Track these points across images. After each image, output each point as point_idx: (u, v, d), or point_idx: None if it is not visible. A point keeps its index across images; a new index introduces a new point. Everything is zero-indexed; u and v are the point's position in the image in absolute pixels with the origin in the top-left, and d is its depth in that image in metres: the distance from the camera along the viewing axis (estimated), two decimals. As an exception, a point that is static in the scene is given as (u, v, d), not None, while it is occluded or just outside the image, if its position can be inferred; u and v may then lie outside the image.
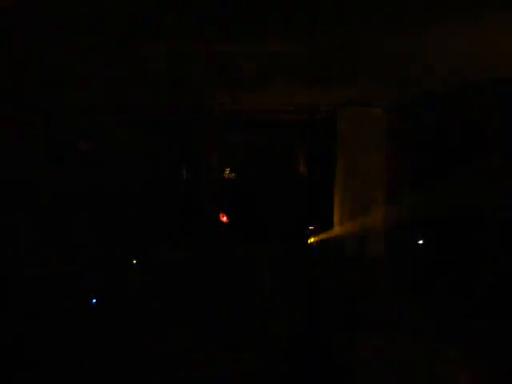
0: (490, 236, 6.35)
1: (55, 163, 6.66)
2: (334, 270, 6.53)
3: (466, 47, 4.35)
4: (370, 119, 7.53)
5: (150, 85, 5.77)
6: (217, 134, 8.06)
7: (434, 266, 6.47)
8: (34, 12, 3.35)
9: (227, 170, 9.38)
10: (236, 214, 8.62)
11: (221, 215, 8.37)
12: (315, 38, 4.11)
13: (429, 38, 4.09)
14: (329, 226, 7.85)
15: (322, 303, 5.36)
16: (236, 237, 8.09)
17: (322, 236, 7.79)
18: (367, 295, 5.61)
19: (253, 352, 4.32)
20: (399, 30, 3.95)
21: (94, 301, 5.27)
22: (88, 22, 3.60)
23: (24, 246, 5.81)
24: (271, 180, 9.00)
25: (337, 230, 7.76)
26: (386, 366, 4.10)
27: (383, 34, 4.05)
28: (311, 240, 7.82)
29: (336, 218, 7.82)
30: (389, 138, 7.49)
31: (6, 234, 5.91)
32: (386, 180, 7.50)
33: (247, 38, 4.20)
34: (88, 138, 7.11)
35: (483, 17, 3.49)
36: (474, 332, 4.71)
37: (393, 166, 7.46)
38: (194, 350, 4.36)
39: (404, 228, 7.02)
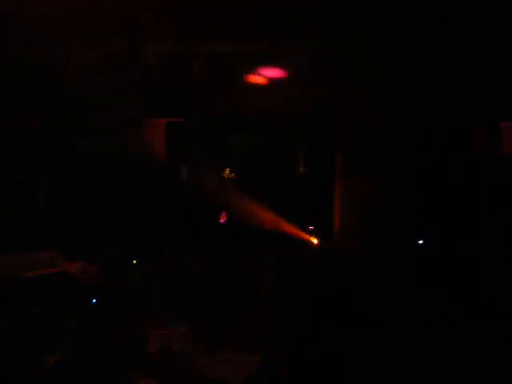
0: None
1: (55, 163, 6.66)
2: (334, 270, 6.52)
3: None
4: (369, 120, 7.53)
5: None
6: (217, 133, 8.05)
7: (435, 266, 6.47)
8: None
9: (227, 170, 9.35)
10: (235, 213, 8.60)
11: (221, 215, 8.35)
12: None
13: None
14: (329, 225, 7.85)
15: (322, 303, 5.35)
16: (235, 237, 8.07)
17: (322, 236, 7.79)
18: (368, 295, 5.61)
19: (253, 352, 4.31)
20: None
21: (94, 300, 5.26)
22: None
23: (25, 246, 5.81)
24: (271, 180, 8.98)
25: (337, 229, 7.76)
26: (386, 366, 4.09)
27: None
28: (311, 240, 7.82)
29: (336, 218, 7.82)
30: (388, 138, 7.50)
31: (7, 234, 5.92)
32: (387, 180, 7.50)
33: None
34: (87, 137, 7.10)
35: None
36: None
37: (392, 166, 7.47)
38: (194, 351, 4.35)
39: (404, 227, 7.03)
